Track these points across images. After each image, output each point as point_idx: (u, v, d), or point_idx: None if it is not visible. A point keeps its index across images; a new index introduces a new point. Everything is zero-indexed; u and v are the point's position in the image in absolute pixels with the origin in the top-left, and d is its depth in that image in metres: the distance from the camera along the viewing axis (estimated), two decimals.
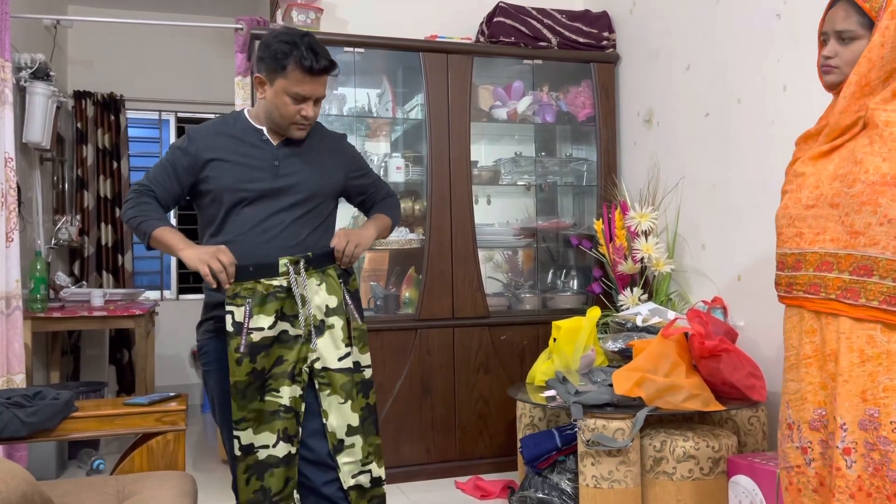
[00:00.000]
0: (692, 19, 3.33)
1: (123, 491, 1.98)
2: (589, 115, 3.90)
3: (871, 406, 1.59)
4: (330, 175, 2.18)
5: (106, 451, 4.02)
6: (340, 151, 2.26)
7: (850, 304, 1.62)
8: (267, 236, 2.05)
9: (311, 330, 2.02)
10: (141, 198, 2.09)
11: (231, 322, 1.96)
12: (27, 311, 3.68)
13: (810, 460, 1.71)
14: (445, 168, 3.60)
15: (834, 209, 1.66)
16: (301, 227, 2.09)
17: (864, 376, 1.60)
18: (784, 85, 2.78)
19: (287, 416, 1.99)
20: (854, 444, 1.60)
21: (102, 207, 5.24)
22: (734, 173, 3.06)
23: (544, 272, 3.98)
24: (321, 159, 2.17)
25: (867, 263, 1.60)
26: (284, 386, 1.99)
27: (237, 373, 1.96)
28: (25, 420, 2.09)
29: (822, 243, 1.69)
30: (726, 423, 2.77)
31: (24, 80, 3.85)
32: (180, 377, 5.48)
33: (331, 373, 2.05)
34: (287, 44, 1.99)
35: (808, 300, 1.71)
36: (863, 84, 1.66)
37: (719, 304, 3.05)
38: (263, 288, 1.99)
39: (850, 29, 1.70)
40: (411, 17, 3.92)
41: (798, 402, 1.74)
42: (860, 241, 1.61)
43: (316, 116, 2.10)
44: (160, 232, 2.04)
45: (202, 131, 2.14)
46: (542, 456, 2.82)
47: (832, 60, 1.73)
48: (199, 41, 5.51)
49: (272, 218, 2.06)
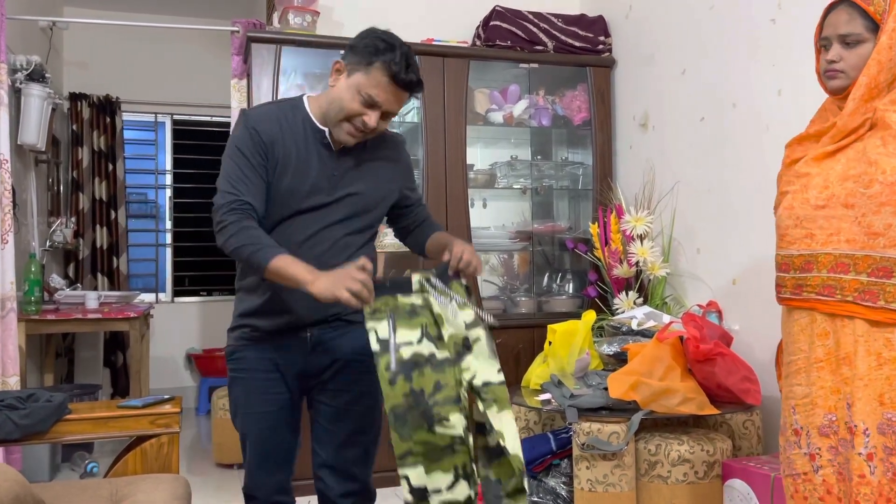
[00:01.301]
0: (687, 24, 3.34)
1: (117, 494, 1.98)
2: (585, 118, 3.91)
3: (888, 410, 1.57)
4: (387, 188, 1.99)
5: (100, 454, 4.00)
6: (398, 160, 2.03)
7: (869, 306, 1.60)
8: (317, 251, 1.84)
9: (459, 350, 1.76)
10: (243, 220, 1.78)
11: (375, 339, 1.69)
12: (21, 314, 3.66)
13: (818, 467, 1.68)
14: (441, 171, 3.60)
15: (849, 210, 1.64)
16: (351, 243, 1.91)
17: (882, 380, 1.58)
18: (779, 89, 2.79)
19: (462, 450, 1.69)
20: (875, 450, 1.58)
21: (98, 210, 5.23)
22: (729, 177, 3.07)
23: (540, 276, 3.98)
24: (378, 169, 1.96)
25: (887, 265, 1.58)
26: (454, 413, 1.69)
27: (392, 396, 1.66)
28: (18, 422, 2.09)
29: (836, 244, 1.66)
30: (721, 426, 2.77)
31: (20, 81, 3.85)
32: (175, 380, 5.46)
33: (494, 387, 1.77)
34: (385, 42, 1.82)
35: (821, 302, 1.68)
36: (872, 86, 1.66)
37: (714, 308, 3.06)
38: (401, 304, 1.74)
39: (854, 32, 1.68)
40: (407, 21, 3.91)
41: (808, 408, 1.70)
42: (879, 241, 1.59)
43: (376, 131, 1.88)
44: (279, 262, 1.72)
45: (262, 115, 1.88)
46: (537, 459, 2.82)
47: (837, 65, 1.71)
48: (196, 44, 5.51)
49: (323, 232, 1.87)
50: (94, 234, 5.22)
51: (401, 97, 1.85)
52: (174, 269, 5.74)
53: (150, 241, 5.77)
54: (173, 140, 5.77)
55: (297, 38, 3.46)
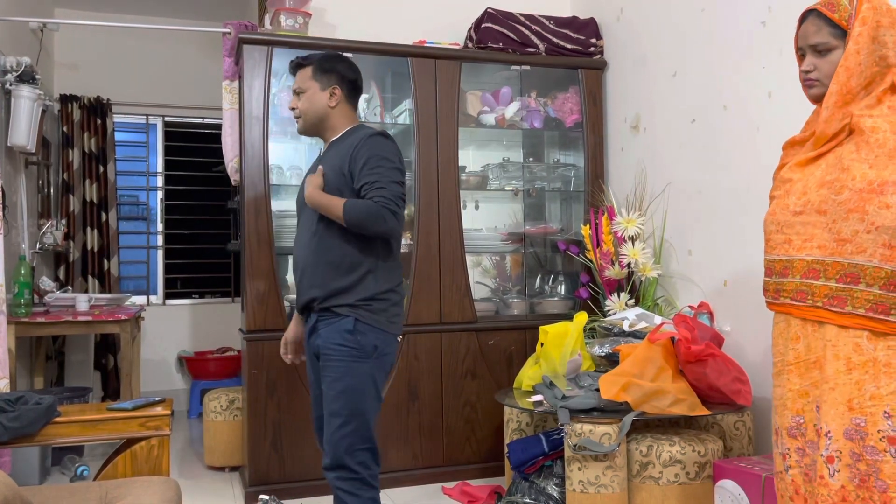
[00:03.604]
0: (678, 27, 3.36)
1: (106, 497, 1.96)
2: (576, 120, 3.92)
3: (857, 415, 1.57)
4: (335, 172, 2.32)
5: (90, 457, 3.98)
6: (348, 146, 2.34)
7: (837, 311, 1.62)
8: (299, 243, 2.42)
9: None
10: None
11: None
12: (11, 316, 3.64)
13: (788, 467, 1.72)
14: (433, 173, 3.60)
15: (821, 216, 1.66)
16: (322, 230, 2.33)
17: (851, 384, 1.59)
18: (769, 92, 2.81)
19: None
20: (838, 454, 1.59)
21: (88, 212, 5.20)
22: (720, 179, 3.08)
23: (532, 277, 3.98)
24: (336, 159, 2.35)
25: (854, 271, 1.60)
26: None
27: None
28: (7, 425, 2.07)
29: (809, 250, 1.68)
30: (712, 427, 2.78)
31: (10, 83, 3.83)
32: (166, 383, 5.44)
33: None
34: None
35: (794, 307, 1.71)
36: (844, 93, 1.67)
37: (705, 309, 3.06)
38: None
39: (823, 41, 1.71)
40: (399, 23, 3.93)
41: (780, 410, 1.74)
42: (847, 248, 1.60)
43: (304, 108, 2.41)
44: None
45: None
46: (529, 461, 2.82)
47: (812, 74, 1.74)
48: (187, 45, 5.50)
49: (305, 223, 2.40)
50: (84, 236, 5.20)
51: (299, 76, 2.43)
52: (165, 272, 5.72)
53: (141, 244, 5.74)
54: (164, 142, 5.75)
55: (289, 39, 3.46)
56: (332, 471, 2.26)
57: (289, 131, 3.65)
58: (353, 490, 2.23)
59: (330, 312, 2.30)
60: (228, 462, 3.79)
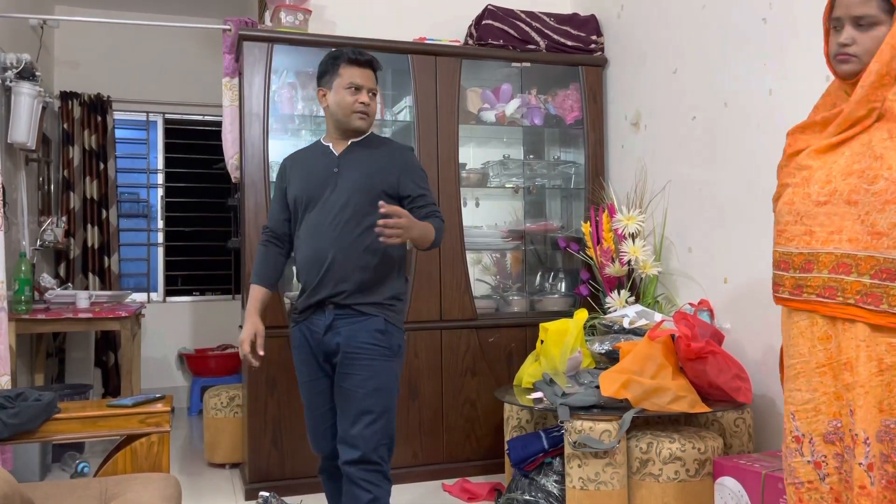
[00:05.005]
0: (679, 23, 3.35)
1: (106, 493, 1.96)
2: (577, 118, 3.91)
3: (887, 417, 1.49)
4: (383, 174, 2.35)
5: (91, 454, 3.98)
6: (399, 156, 2.41)
7: (871, 309, 1.50)
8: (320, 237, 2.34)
9: None
10: None
11: None
12: (11, 313, 3.64)
13: (825, 475, 1.60)
14: (434, 170, 3.60)
15: (852, 207, 1.54)
16: (353, 226, 2.29)
17: (882, 386, 1.49)
18: (770, 89, 2.80)
19: None
20: (874, 459, 1.49)
21: (88, 209, 5.20)
22: (721, 176, 3.08)
23: (532, 275, 3.98)
24: (377, 161, 2.36)
25: (890, 267, 1.47)
26: None
27: None
28: (7, 421, 2.07)
29: (837, 243, 1.56)
30: (712, 424, 2.78)
31: (10, 80, 3.82)
32: (166, 380, 5.44)
33: None
34: (334, 53, 2.39)
35: (822, 304, 1.59)
36: (883, 73, 1.53)
37: (706, 307, 3.06)
38: None
39: (869, 14, 1.55)
40: (400, 20, 3.92)
41: (810, 414, 1.62)
42: (883, 242, 1.49)
43: (374, 110, 2.39)
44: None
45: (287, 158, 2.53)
46: (528, 458, 2.82)
47: (850, 48, 1.57)
48: (187, 42, 5.49)
49: (325, 216, 2.32)
50: (85, 233, 5.20)
51: (369, 74, 2.38)
52: (166, 269, 5.72)
53: (141, 241, 5.74)
54: (165, 139, 5.75)
55: (289, 36, 3.45)
56: (357, 464, 2.26)
57: (289, 128, 3.65)
58: (377, 482, 2.27)
59: (352, 310, 2.29)
60: (229, 459, 3.79)
